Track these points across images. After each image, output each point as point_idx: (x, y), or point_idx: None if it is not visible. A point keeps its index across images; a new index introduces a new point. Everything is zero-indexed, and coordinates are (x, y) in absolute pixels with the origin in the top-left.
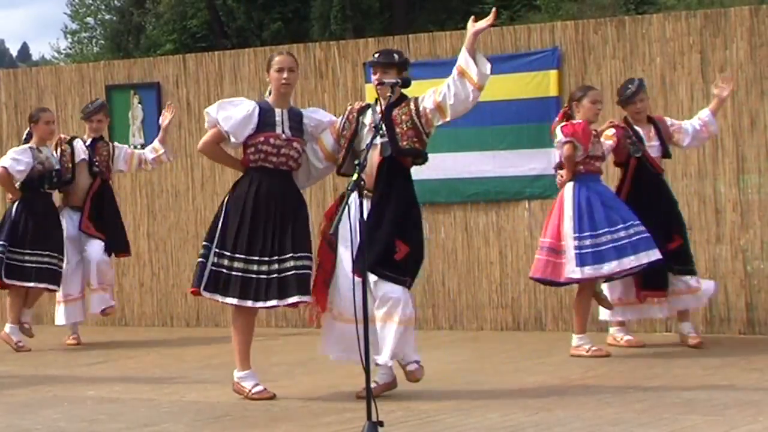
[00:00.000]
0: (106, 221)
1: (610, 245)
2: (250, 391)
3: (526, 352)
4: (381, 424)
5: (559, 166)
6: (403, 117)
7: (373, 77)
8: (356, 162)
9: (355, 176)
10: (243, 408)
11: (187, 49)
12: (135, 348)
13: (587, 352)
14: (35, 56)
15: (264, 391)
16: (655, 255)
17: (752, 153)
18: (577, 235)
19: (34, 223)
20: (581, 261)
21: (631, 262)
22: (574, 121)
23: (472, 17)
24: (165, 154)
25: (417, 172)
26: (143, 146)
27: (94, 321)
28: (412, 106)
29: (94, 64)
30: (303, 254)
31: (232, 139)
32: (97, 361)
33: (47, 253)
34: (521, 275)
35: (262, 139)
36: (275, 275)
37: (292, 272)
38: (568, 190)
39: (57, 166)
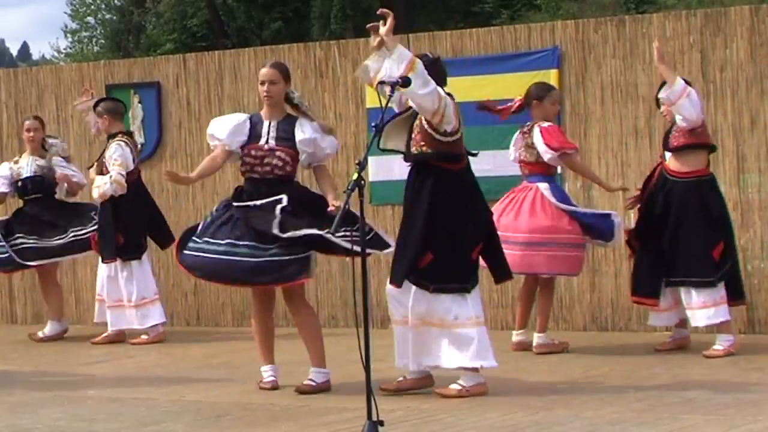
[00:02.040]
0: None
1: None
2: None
3: (526, 351)
4: (381, 423)
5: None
6: (418, 121)
7: None
8: (356, 162)
9: (355, 176)
10: (243, 408)
11: (187, 49)
12: (135, 348)
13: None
14: (35, 56)
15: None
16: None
17: (752, 153)
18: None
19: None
20: None
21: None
22: (545, 125)
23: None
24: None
25: None
26: (143, 146)
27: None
28: None
29: (94, 63)
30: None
31: (231, 147)
32: (97, 361)
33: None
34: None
35: (247, 150)
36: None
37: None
38: (547, 191)
39: (28, 175)
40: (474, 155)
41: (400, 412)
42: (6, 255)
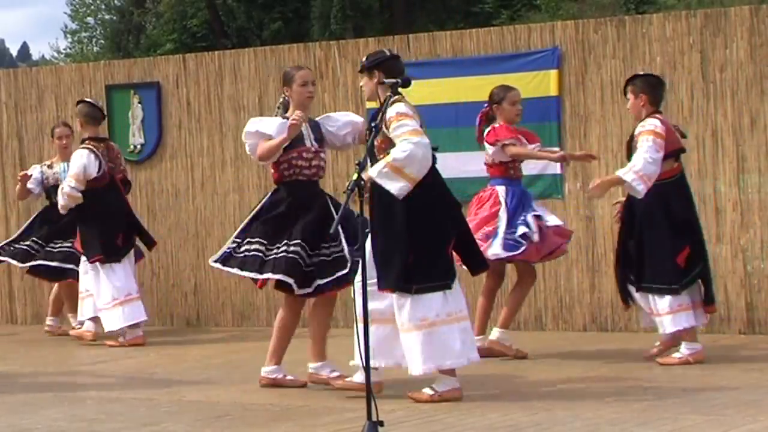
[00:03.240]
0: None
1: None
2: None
3: (526, 352)
4: (381, 423)
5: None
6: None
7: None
8: (356, 162)
9: (355, 176)
10: (243, 408)
11: (187, 49)
12: (135, 348)
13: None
14: (35, 56)
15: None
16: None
17: (752, 153)
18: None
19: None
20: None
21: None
22: (495, 125)
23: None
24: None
25: None
26: (143, 146)
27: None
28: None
29: (94, 63)
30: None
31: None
32: (97, 361)
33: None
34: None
35: (294, 154)
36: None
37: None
38: (501, 192)
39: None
40: (435, 149)
41: (400, 412)
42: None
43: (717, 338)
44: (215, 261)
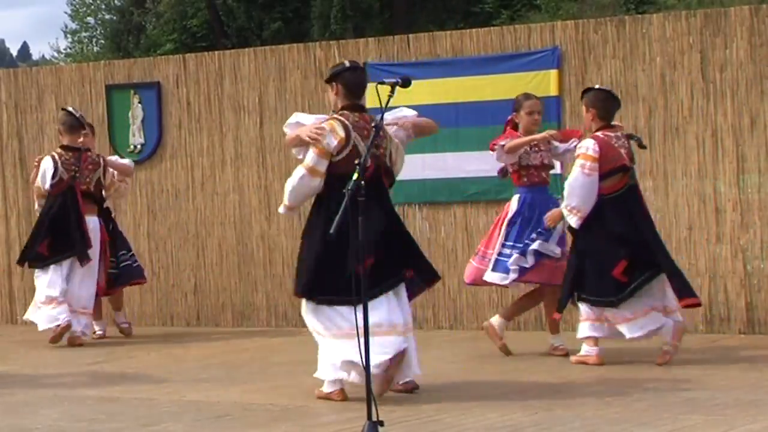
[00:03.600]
0: None
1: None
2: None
3: (526, 352)
4: (381, 423)
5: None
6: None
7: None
8: (356, 162)
9: (356, 176)
10: (243, 408)
11: (187, 49)
12: (135, 348)
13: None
14: (35, 56)
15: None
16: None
17: (752, 153)
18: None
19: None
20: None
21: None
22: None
23: None
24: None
25: (418, 172)
26: (143, 146)
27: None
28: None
29: (94, 63)
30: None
31: None
32: (97, 361)
33: None
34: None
35: None
36: None
37: None
38: (514, 201)
39: None
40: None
41: (400, 412)
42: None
43: (717, 338)
44: None
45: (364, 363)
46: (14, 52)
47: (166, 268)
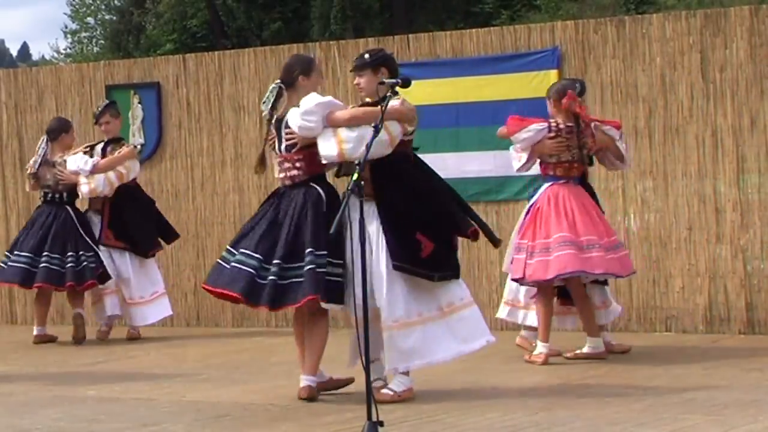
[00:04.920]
0: (128, 225)
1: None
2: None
3: (523, 353)
4: (381, 423)
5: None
6: None
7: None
8: (356, 162)
9: (355, 176)
10: (243, 408)
11: (187, 49)
12: (135, 348)
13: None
14: (35, 56)
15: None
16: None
17: (752, 153)
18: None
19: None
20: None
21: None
22: None
23: None
24: None
25: None
26: (143, 146)
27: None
28: None
29: (94, 64)
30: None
31: None
32: (97, 361)
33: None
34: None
35: None
36: None
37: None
38: (536, 196)
39: None
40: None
41: (400, 413)
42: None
43: (717, 338)
44: None
45: (364, 363)
46: (14, 53)
47: (166, 268)
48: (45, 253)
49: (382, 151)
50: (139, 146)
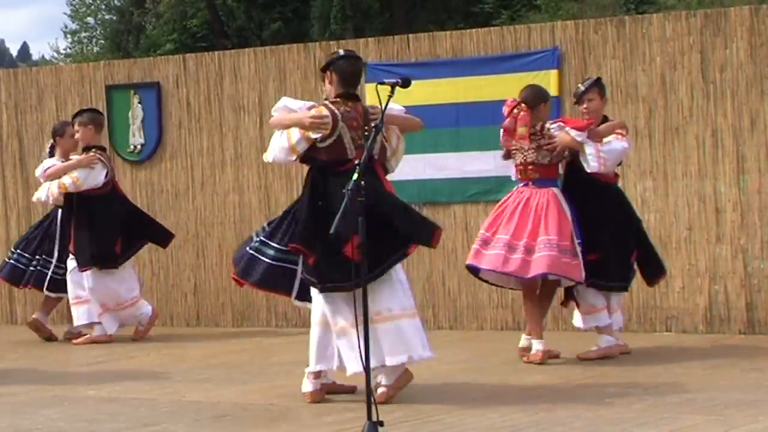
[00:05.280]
0: (71, 237)
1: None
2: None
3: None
4: (381, 423)
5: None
6: None
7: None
8: (356, 162)
9: (356, 176)
10: (243, 408)
11: (187, 49)
12: (135, 348)
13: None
14: (35, 56)
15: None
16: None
17: (752, 153)
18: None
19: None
20: None
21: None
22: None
23: None
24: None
25: (418, 172)
26: (143, 146)
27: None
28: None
29: (94, 64)
30: None
31: None
32: (97, 361)
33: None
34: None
35: None
36: None
37: None
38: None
39: None
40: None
41: (400, 413)
42: None
43: (717, 338)
44: None
45: (364, 362)
46: (14, 53)
47: (166, 269)
48: (36, 255)
49: (284, 157)
50: (139, 146)
